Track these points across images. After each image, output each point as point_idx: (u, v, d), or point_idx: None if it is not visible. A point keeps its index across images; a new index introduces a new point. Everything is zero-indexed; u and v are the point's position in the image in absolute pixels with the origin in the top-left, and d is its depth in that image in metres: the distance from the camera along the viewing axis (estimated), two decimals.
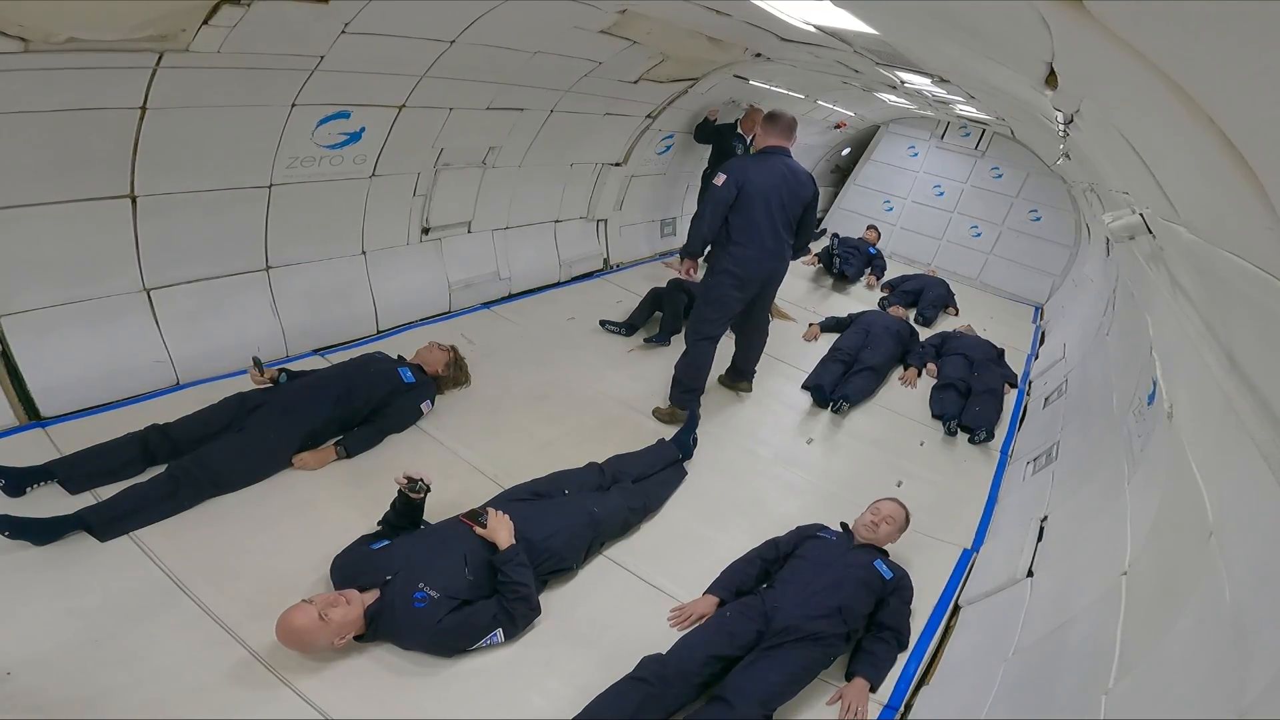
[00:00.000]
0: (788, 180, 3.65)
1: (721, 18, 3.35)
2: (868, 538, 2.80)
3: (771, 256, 3.73)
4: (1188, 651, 1.32)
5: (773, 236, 3.68)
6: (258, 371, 2.95)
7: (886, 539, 2.83)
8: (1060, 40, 1.24)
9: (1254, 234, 0.91)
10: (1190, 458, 1.69)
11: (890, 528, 2.83)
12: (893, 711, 2.35)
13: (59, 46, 2.17)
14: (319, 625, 2.00)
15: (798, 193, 3.69)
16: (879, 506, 2.91)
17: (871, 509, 2.91)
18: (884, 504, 2.92)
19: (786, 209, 3.68)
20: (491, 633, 2.22)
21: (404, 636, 2.17)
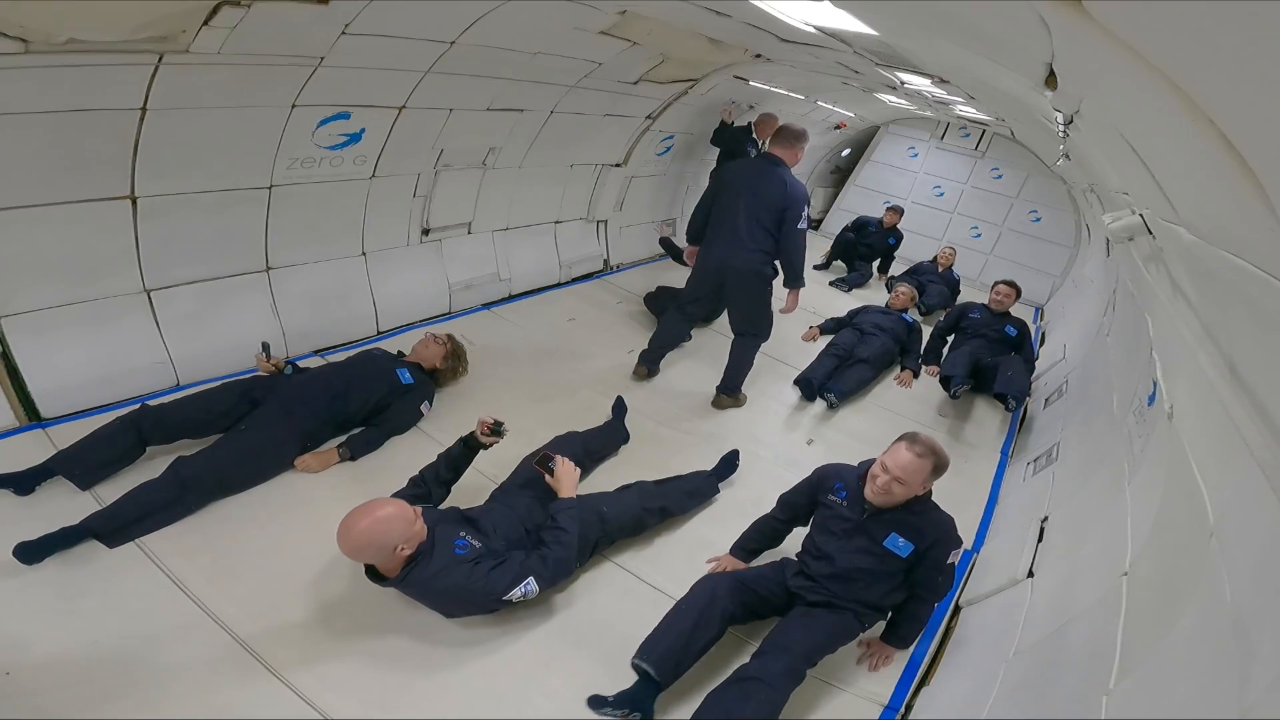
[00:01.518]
0: (763, 184, 3.69)
1: (721, 19, 3.35)
2: (880, 503, 2.37)
3: (729, 252, 3.78)
4: (1188, 652, 1.32)
5: (731, 234, 3.75)
6: (265, 358, 2.95)
7: (906, 496, 2.34)
8: (1060, 41, 1.24)
9: (1254, 234, 0.91)
10: (1191, 458, 1.69)
11: (905, 488, 2.32)
12: (893, 712, 2.35)
13: (59, 47, 2.17)
14: (403, 516, 2.07)
15: (769, 198, 3.67)
16: (891, 459, 2.34)
17: (881, 461, 2.37)
18: (899, 453, 2.33)
19: (755, 213, 3.70)
20: (525, 580, 2.19)
21: (437, 581, 2.14)
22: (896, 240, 7.72)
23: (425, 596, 2.23)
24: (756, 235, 3.72)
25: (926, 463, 2.32)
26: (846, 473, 2.57)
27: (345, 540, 2.05)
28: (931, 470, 2.34)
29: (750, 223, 3.71)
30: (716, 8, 3.08)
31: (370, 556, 2.11)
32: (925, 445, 2.34)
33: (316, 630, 2.20)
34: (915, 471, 2.31)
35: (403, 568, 2.15)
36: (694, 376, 4.48)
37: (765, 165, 3.76)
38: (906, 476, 2.30)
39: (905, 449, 2.33)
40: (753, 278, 3.82)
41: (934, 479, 2.39)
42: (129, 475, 2.53)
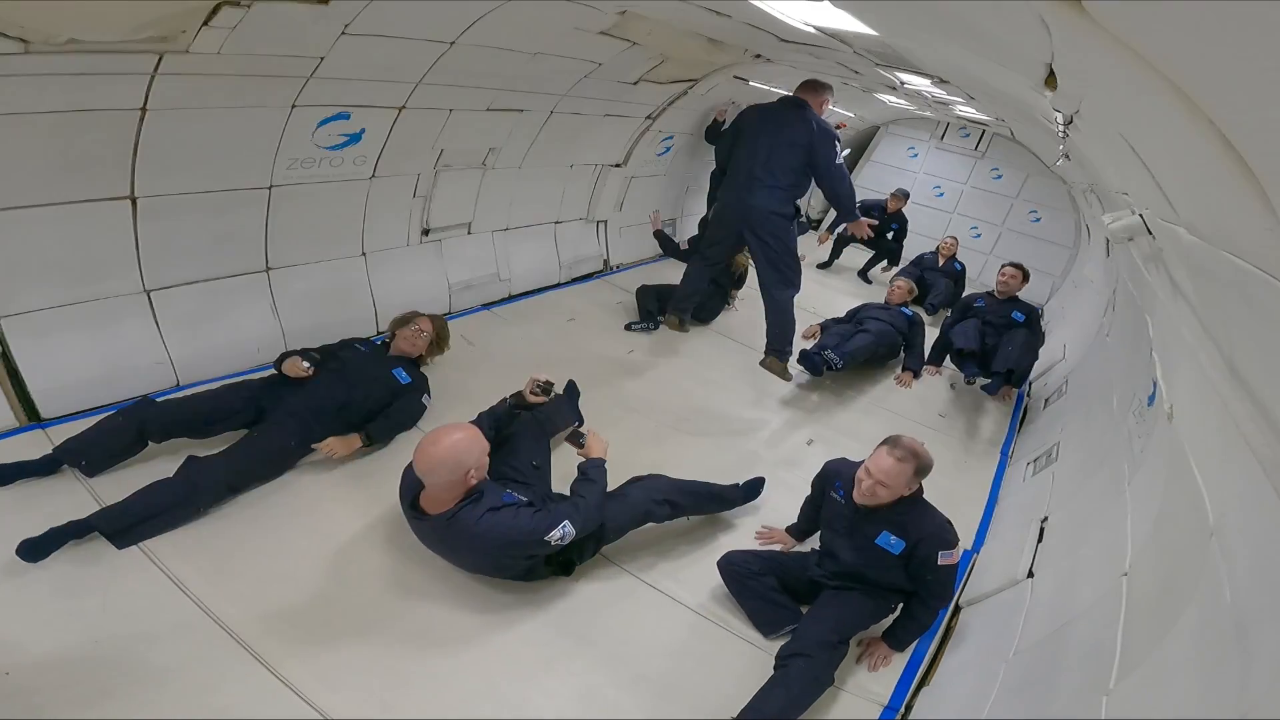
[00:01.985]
0: (786, 126, 3.65)
1: (721, 19, 3.35)
2: (867, 503, 2.43)
3: (747, 193, 3.75)
4: (1188, 652, 1.32)
5: (749, 176, 3.73)
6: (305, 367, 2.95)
7: (892, 497, 2.40)
8: (1059, 41, 1.24)
9: (1254, 235, 0.91)
10: (1190, 458, 1.69)
11: (890, 491, 2.36)
12: (893, 713, 2.35)
13: (59, 48, 2.17)
14: (481, 444, 2.24)
15: (792, 139, 3.64)
16: (873, 464, 2.39)
17: (865, 465, 2.43)
18: (880, 458, 2.38)
19: (778, 152, 3.66)
20: (563, 522, 2.30)
21: (484, 523, 2.22)
22: (900, 226, 7.61)
23: (463, 539, 2.27)
24: (776, 175, 3.69)
25: (907, 466, 2.36)
26: (846, 471, 2.61)
27: (429, 452, 2.17)
28: (914, 473, 2.39)
29: (770, 163, 3.68)
30: (716, 8, 3.08)
31: (444, 474, 2.20)
32: (905, 449, 2.38)
33: (316, 630, 2.20)
34: (897, 475, 2.35)
35: (457, 502, 2.24)
36: (695, 378, 4.48)
37: (788, 107, 3.73)
38: (889, 480, 2.35)
39: (886, 454, 2.38)
40: (772, 217, 3.77)
41: (918, 480, 2.43)
42: (131, 469, 2.55)
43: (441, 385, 3.55)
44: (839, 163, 3.67)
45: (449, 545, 2.39)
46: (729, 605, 2.65)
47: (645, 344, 4.76)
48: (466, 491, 2.27)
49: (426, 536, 2.41)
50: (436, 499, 2.28)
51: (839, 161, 3.67)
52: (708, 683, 2.33)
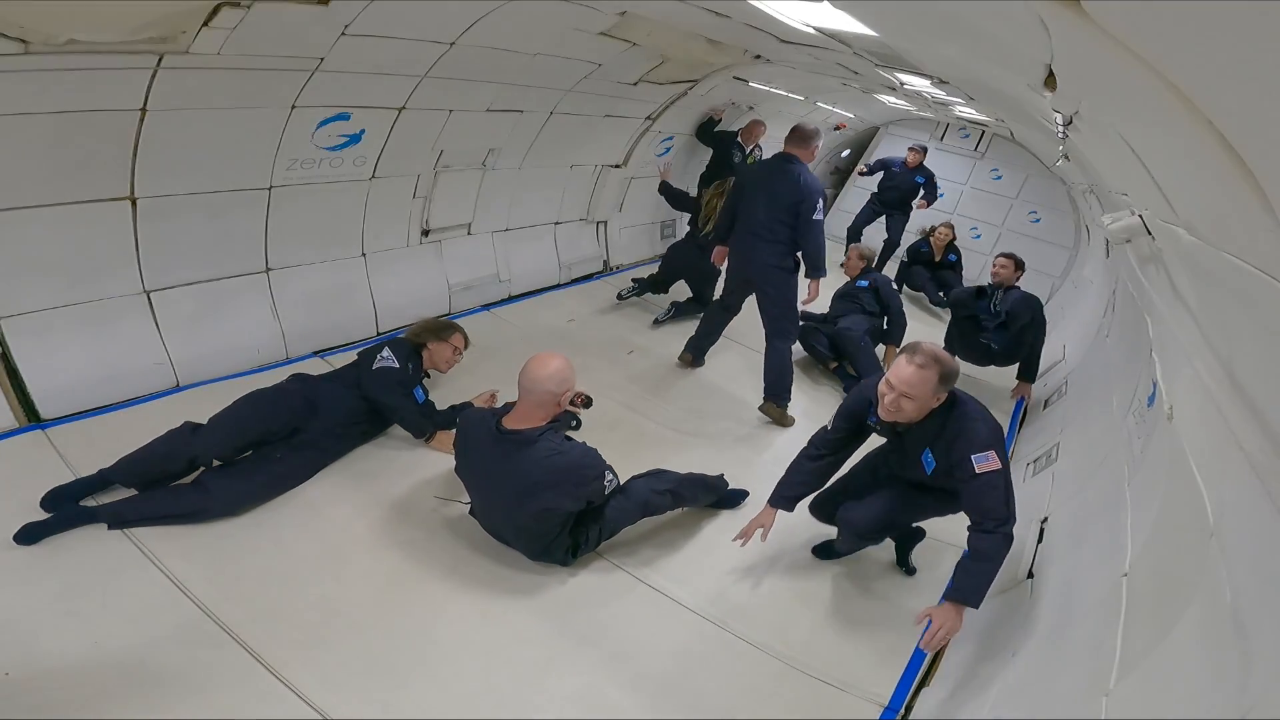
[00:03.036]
0: (777, 183, 3.87)
1: (720, 19, 3.36)
2: (893, 420, 2.32)
3: (751, 251, 4.00)
4: (1188, 652, 1.32)
5: (751, 234, 3.98)
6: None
7: (919, 411, 2.27)
8: (1059, 42, 1.24)
9: (1253, 235, 0.91)
10: (1190, 459, 1.69)
11: (915, 403, 2.23)
12: (893, 713, 2.35)
13: (59, 48, 2.17)
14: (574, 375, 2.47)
15: (782, 196, 3.84)
16: (894, 375, 2.25)
17: (886, 379, 2.29)
18: (900, 368, 2.24)
19: (773, 209, 3.89)
20: (609, 469, 2.51)
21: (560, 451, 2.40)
22: (925, 180, 7.58)
23: (537, 462, 2.36)
24: (775, 230, 3.90)
25: (930, 373, 2.22)
26: (873, 395, 2.45)
27: (545, 361, 2.41)
28: (938, 380, 2.23)
29: (768, 220, 3.91)
30: (716, 9, 3.08)
31: (550, 386, 2.39)
32: (926, 355, 2.23)
33: (317, 630, 2.20)
34: (920, 384, 2.21)
35: (546, 422, 2.43)
36: (694, 379, 4.48)
37: (779, 164, 3.94)
38: (912, 390, 2.22)
39: (905, 362, 2.24)
40: (775, 271, 4.00)
41: (945, 388, 2.27)
42: None
43: (441, 385, 3.55)
44: (816, 219, 3.87)
45: (520, 468, 2.39)
46: (729, 605, 2.66)
47: (645, 345, 4.76)
48: (553, 415, 2.46)
49: (492, 462, 2.46)
50: (528, 415, 2.43)
51: (816, 218, 3.87)
52: (708, 683, 2.33)
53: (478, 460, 2.51)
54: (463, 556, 2.62)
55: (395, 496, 2.84)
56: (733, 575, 2.83)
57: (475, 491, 2.62)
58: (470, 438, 2.54)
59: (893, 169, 7.65)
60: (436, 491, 2.91)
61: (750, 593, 2.77)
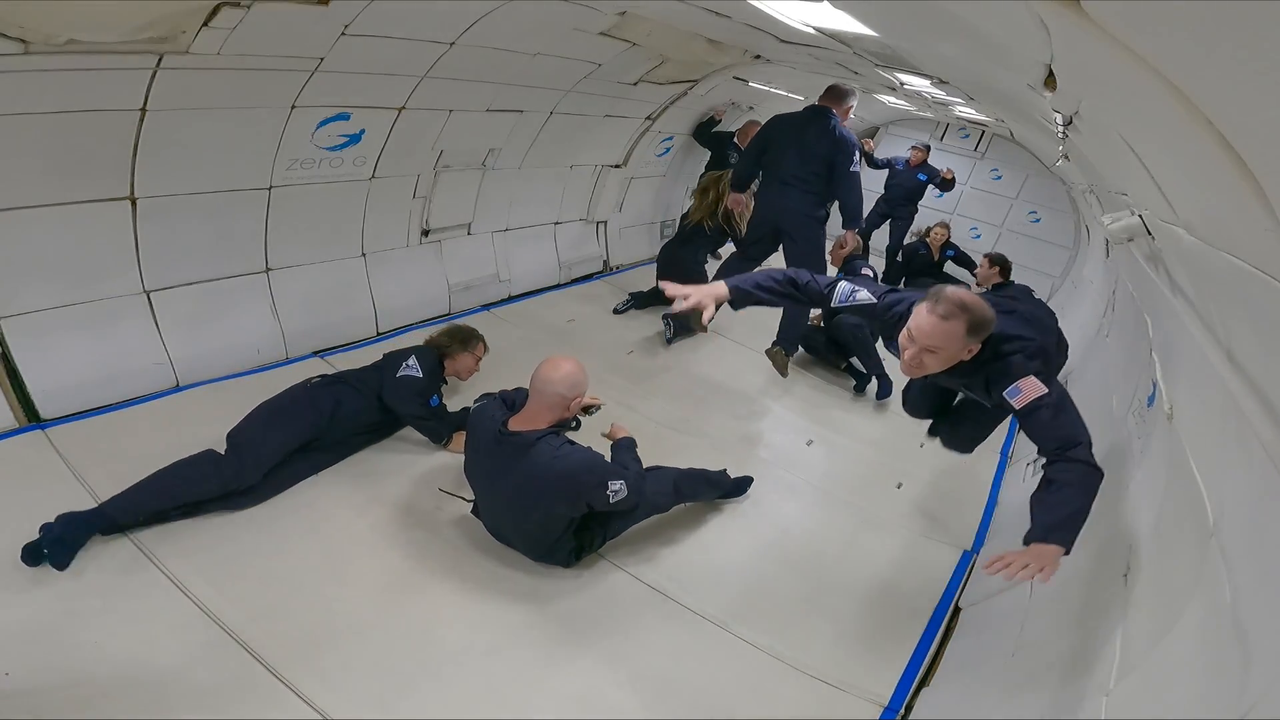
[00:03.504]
0: (810, 135, 4.00)
1: (720, 19, 3.35)
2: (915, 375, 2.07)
3: (782, 198, 4.13)
4: (1188, 652, 1.32)
5: (782, 183, 4.10)
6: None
7: (946, 365, 1.98)
8: (1059, 42, 1.24)
9: (1253, 236, 0.91)
10: (1190, 458, 1.69)
11: (939, 357, 1.94)
12: (893, 713, 2.35)
13: (59, 48, 2.17)
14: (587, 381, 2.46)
15: (816, 147, 3.98)
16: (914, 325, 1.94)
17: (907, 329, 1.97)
18: (920, 317, 1.93)
19: (805, 161, 4.01)
20: (617, 477, 2.42)
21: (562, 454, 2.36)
22: (929, 177, 7.64)
23: (538, 465, 2.34)
24: (806, 180, 4.03)
25: (956, 324, 1.88)
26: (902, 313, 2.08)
27: (556, 364, 2.40)
28: (966, 331, 1.90)
29: (801, 170, 4.02)
30: (716, 9, 3.08)
31: (561, 389, 2.38)
32: (951, 302, 1.89)
33: (317, 630, 2.20)
34: (945, 336, 1.89)
35: (550, 425, 2.41)
36: (695, 379, 4.48)
37: (813, 116, 4.07)
38: (936, 344, 1.91)
39: (926, 312, 1.91)
40: (806, 220, 4.13)
41: (978, 337, 1.93)
42: None
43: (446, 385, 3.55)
44: (854, 170, 4.00)
45: (519, 471, 2.36)
46: (729, 605, 2.66)
47: (645, 345, 4.76)
48: (561, 419, 2.45)
49: (493, 463, 2.44)
50: (535, 416, 2.42)
51: (853, 170, 4.00)
52: (708, 683, 2.33)
53: (481, 460, 2.52)
54: (463, 557, 2.62)
55: (396, 496, 2.84)
56: (733, 575, 2.84)
57: (478, 491, 2.63)
58: (476, 436, 2.54)
59: (896, 167, 7.68)
60: (441, 484, 2.93)
61: (750, 593, 2.77)
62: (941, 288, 1.97)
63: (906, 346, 1.96)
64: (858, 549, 3.14)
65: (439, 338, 3.30)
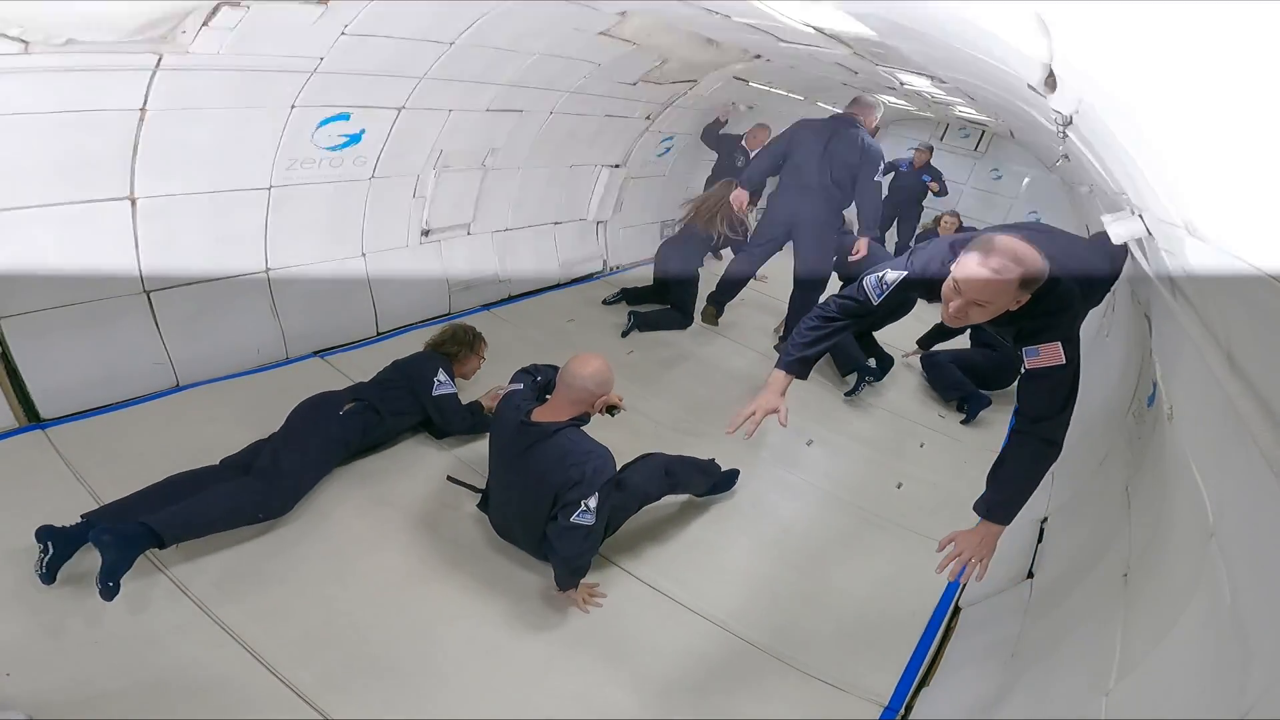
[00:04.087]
0: (837, 143, 4.13)
1: (720, 20, 3.36)
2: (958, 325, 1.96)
3: (801, 203, 4.25)
4: (1188, 652, 1.32)
5: (804, 188, 4.20)
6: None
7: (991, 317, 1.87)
8: (1059, 42, 1.24)
9: (1253, 235, 0.91)
10: (1190, 458, 1.69)
11: (987, 310, 1.83)
12: (893, 713, 2.35)
13: (59, 48, 2.17)
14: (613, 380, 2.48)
15: (843, 156, 4.11)
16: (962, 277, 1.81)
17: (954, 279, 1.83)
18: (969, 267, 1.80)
19: (830, 168, 4.13)
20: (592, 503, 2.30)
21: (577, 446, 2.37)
22: (933, 177, 7.67)
23: (553, 454, 2.36)
24: (829, 188, 4.16)
25: (1009, 279, 1.76)
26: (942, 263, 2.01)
27: (588, 360, 2.44)
28: (1019, 286, 1.78)
29: (823, 178, 4.14)
30: (716, 9, 3.08)
31: (588, 384, 2.41)
32: (1004, 254, 1.76)
33: (317, 631, 2.20)
34: (997, 290, 1.77)
35: (570, 418, 2.43)
36: (695, 378, 4.48)
37: (840, 126, 4.20)
38: (986, 298, 1.79)
39: (978, 264, 1.77)
40: (824, 226, 4.26)
41: (1029, 290, 1.82)
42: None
43: None
44: (877, 180, 4.16)
45: (535, 460, 2.38)
46: (729, 605, 2.66)
47: (645, 345, 4.76)
48: (583, 413, 2.47)
49: (513, 450, 2.45)
50: (558, 409, 2.45)
51: (876, 179, 4.15)
52: (708, 683, 2.34)
53: (500, 445, 2.53)
54: (464, 556, 2.62)
55: (396, 496, 2.84)
56: (733, 575, 2.84)
57: (494, 476, 2.64)
58: (501, 421, 2.55)
59: (900, 170, 7.69)
60: (450, 474, 2.96)
61: (750, 593, 2.77)
62: (991, 236, 1.84)
63: (952, 298, 1.83)
64: (858, 549, 3.14)
65: (445, 344, 3.30)
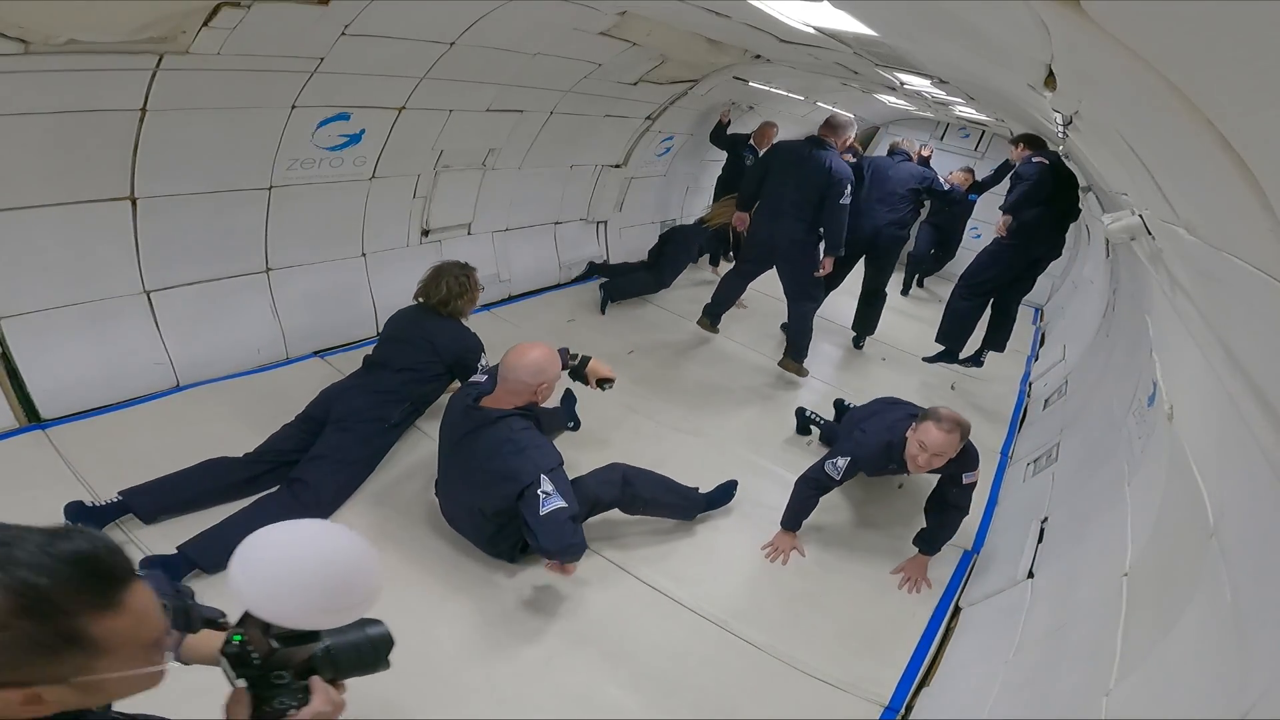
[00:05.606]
0: (808, 166, 4.16)
1: (720, 19, 3.35)
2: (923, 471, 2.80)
3: (775, 225, 4.33)
4: (1189, 652, 1.32)
5: (777, 212, 4.28)
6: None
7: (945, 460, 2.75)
8: (1059, 42, 1.24)
9: (1253, 235, 0.91)
10: (1190, 458, 1.69)
11: (944, 459, 2.72)
12: (893, 713, 2.35)
13: (59, 48, 2.17)
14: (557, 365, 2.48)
15: (812, 178, 4.15)
16: (926, 438, 2.69)
17: (918, 441, 2.71)
18: (929, 433, 2.68)
19: (800, 190, 4.18)
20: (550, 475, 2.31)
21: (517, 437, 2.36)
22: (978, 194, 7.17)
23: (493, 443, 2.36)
24: (802, 209, 4.22)
25: (956, 435, 2.69)
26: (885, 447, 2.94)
27: (522, 351, 2.41)
28: (960, 439, 2.71)
29: (796, 199, 4.21)
30: (716, 9, 3.08)
31: (524, 375, 2.39)
32: (950, 419, 2.70)
33: None
34: (951, 446, 2.68)
35: (516, 408, 2.42)
36: (694, 378, 4.48)
37: (811, 148, 4.23)
38: (944, 450, 2.67)
39: (934, 429, 2.68)
40: (798, 248, 4.32)
41: (965, 440, 2.76)
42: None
43: None
44: (843, 203, 4.19)
45: (474, 448, 2.41)
46: (729, 605, 2.66)
47: (645, 346, 4.76)
48: (527, 403, 2.46)
49: (457, 435, 2.47)
50: (500, 398, 2.44)
51: (843, 203, 4.18)
52: (708, 683, 2.34)
53: (447, 429, 2.54)
54: (462, 555, 2.62)
55: (393, 495, 2.84)
56: (733, 575, 2.84)
57: (442, 463, 2.63)
58: (450, 405, 2.57)
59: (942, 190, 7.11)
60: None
61: (750, 593, 2.77)
62: (936, 408, 2.77)
63: (918, 454, 2.70)
64: (858, 549, 3.14)
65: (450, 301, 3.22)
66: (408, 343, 3.06)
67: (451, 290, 3.21)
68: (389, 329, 3.18)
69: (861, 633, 2.67)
